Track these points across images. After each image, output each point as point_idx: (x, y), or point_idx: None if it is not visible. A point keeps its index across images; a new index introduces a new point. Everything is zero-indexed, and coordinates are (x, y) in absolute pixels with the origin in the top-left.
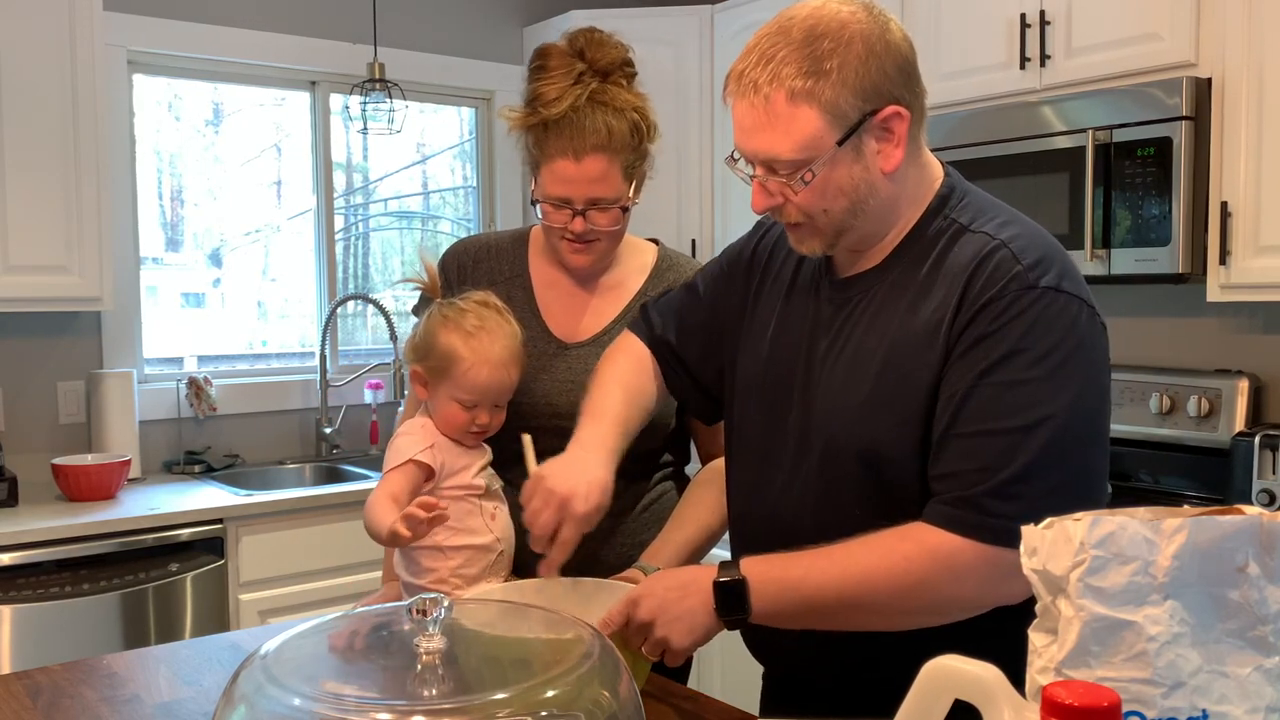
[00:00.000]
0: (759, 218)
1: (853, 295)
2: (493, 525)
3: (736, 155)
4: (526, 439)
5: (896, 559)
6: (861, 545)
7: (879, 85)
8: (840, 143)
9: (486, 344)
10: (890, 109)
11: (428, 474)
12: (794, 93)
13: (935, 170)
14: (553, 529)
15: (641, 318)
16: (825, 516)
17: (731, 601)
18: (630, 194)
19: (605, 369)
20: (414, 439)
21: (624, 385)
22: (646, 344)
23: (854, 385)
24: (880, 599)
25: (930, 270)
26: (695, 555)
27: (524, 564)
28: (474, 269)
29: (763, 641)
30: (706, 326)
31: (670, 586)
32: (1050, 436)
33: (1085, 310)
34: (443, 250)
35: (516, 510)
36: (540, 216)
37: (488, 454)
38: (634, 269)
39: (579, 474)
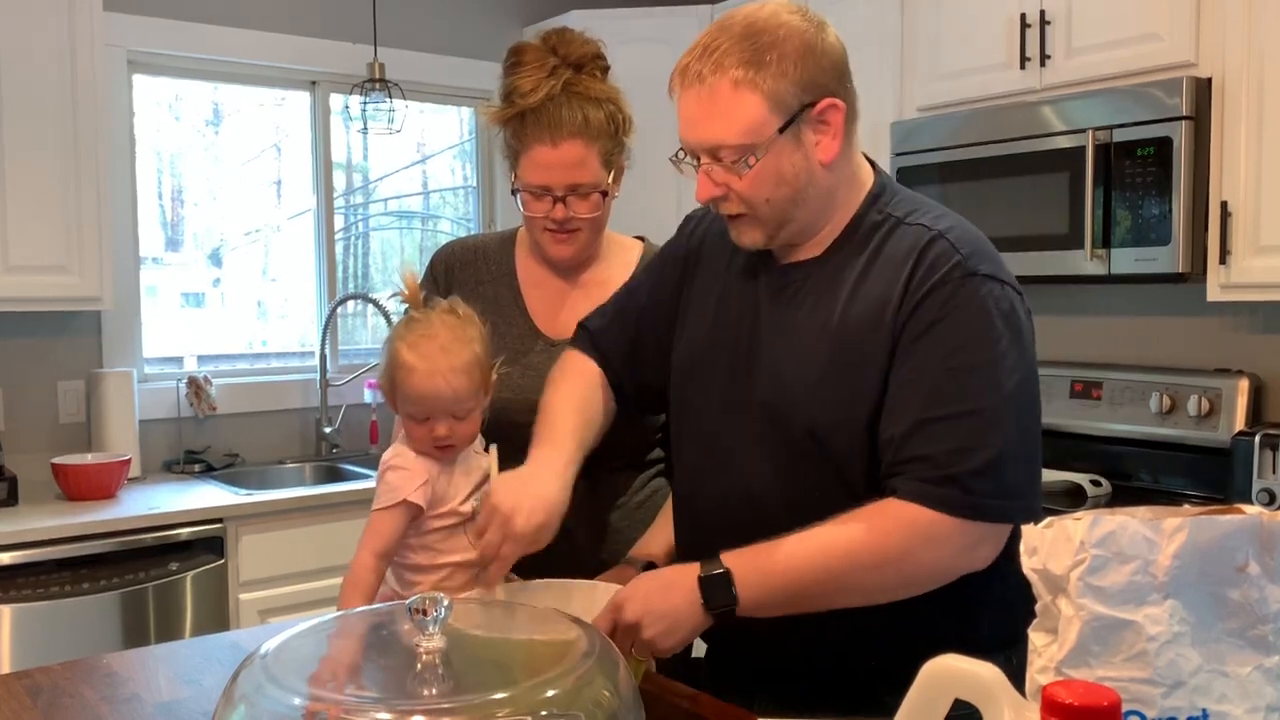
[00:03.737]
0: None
1: (793, 281)
2: (478, 542)
3: (681, 154)
4: (492, 450)
5: (877, 536)
6: (836, 527)
7: (816, 79)
8: (781, 130)
9: (425, 350)
10: (827, 101)
11: (417, 511)
12: (737, 81)
13: (867, 169)
14: (496, 546)
15: (583, 337)
16: (785, 491)
17: (718, 595)
18: (609, 181)
19: (553, 392)
20: (408, 474)
21: (574, 404)
22: (594, 360)
23: (802, 367)
24: (861, 576)
25: (870, 259)
26: None
27: (524, 565)
28: (461, 270)
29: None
30: (648, 331)
31: (654, 587)
32: (1011, 416)
33: (1016, 297)
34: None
35: None
36: (521, 208)
37: (484, 470)
38: (619, 265)
39: (526, 491)
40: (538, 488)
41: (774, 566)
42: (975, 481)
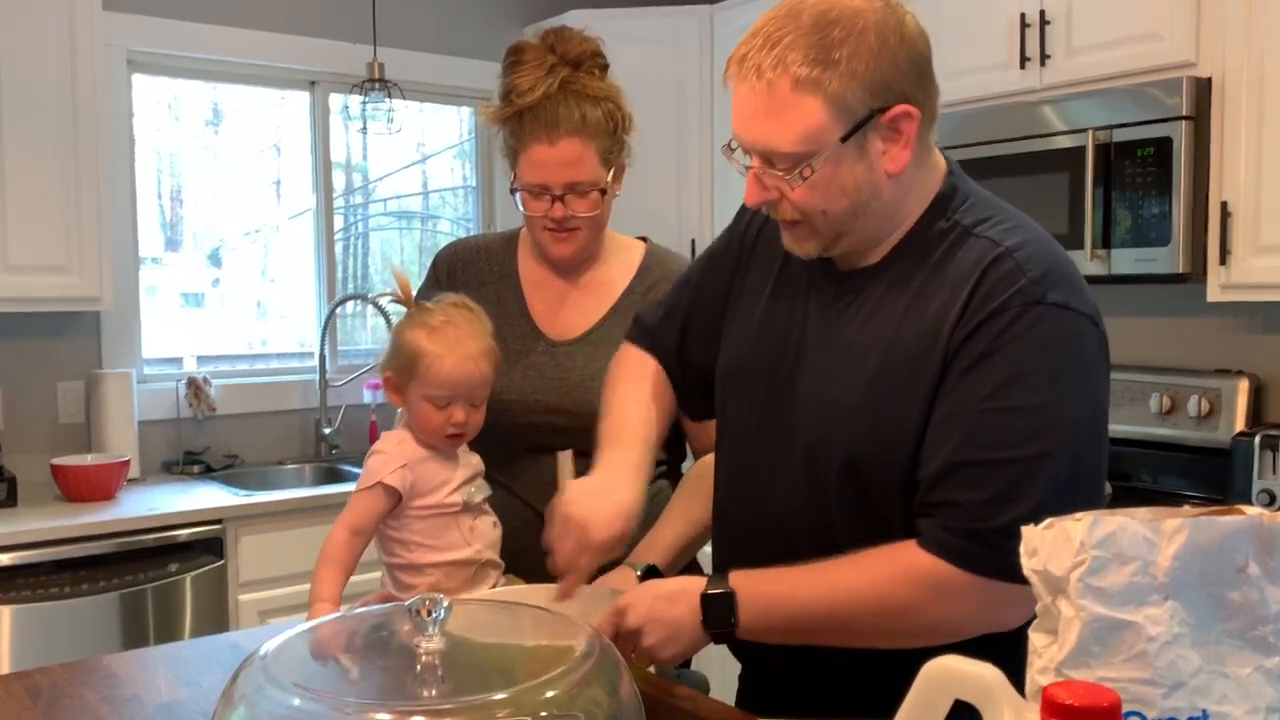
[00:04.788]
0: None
1: (846, 292)
2: (471, 537)
3: (734, 145)
4: (563, 456)
5: (884, 582)
6: (850, 564)
7: (890, 81)
8: (844, 139)
9: (451, 336)
10: (900, 108)
11: (397, 497)
12: (799, 81)
13: (939, 168)
14: (574, 558)
15: (639, 330)
16: (815, 517)
17: (718, 615)
18: (609, 179)
19: (615, 392)
20: (385, 458)
21: (638, 404)
22: (651, 355)
23: (847, 386)
24: (865, 620)
25: (931, 273)
26: (685, 551)
27: (524, 566)
28: (464, 270)
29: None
30: (697, 329)
31: (659, 595)
32: (1061, 467)
33: (1091, 328)
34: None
35: (523, 514)
36: (520, 207)
37: (473, 467)
38: (621, 266)
39: (602, 499)
40: (614, 495)
41: (779, 595)
42: (1002, 539)
